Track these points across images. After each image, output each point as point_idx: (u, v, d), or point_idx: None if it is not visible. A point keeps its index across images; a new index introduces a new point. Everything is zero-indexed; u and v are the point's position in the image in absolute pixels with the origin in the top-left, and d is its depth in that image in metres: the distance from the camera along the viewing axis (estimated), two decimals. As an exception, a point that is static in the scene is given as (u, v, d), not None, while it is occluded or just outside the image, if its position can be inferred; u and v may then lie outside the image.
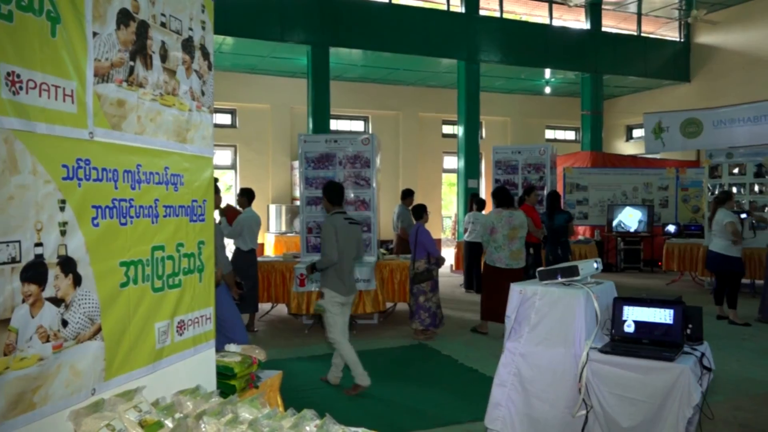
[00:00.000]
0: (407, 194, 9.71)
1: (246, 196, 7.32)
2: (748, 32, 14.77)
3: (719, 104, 14.48)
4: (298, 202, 7.66)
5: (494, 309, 6.71)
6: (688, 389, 2.80)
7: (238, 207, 7.55)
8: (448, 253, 8.07)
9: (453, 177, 16.13)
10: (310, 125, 12.37)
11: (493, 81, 15.69)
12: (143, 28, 2.11)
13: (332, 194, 5.08)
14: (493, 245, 6.89)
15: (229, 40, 11.98)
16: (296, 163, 9.61)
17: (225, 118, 14.97)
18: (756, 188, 10.44)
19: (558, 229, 8.26)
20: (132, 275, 2.09)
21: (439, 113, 16.91)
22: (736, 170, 10.68)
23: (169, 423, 2.05)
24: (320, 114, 12.36)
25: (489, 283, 7.05)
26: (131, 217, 2.09)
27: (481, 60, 13.86)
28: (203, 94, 2.46)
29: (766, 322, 7.53)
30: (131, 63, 2.05)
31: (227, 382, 2.68)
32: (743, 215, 9.07)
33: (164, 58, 2.22)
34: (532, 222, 8.15)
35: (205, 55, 2.48)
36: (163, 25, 2.21)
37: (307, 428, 2.14)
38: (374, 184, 8.02)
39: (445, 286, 9.98)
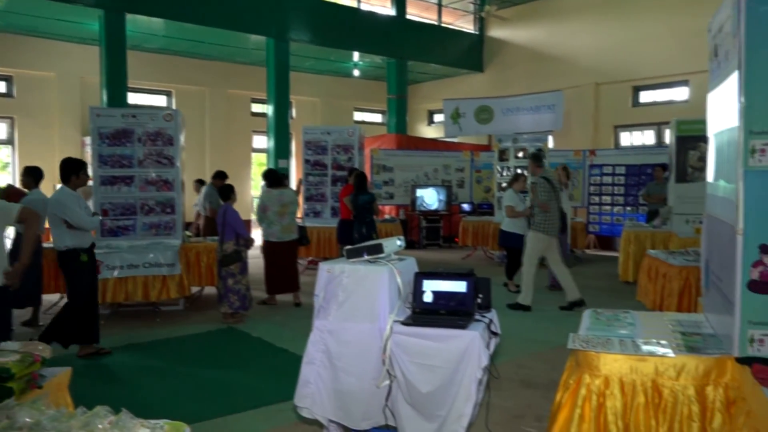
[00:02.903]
0: (219, 176, 9.36)
1: (32, 175, 6.45)
2: (533, 29, 16.43)
3: (508, 94, 16.00)
4: (91, 182, 6.96)
5: (277, 279, 7.61)
6: (478, 353, 3.06)
7: (22, 188, 6.68)
8: (259, 234, 7.93)
9: (263, 157, 15.88)
10: (104, 98, 11.32)
11: (303, 61, 15.65)
12: None
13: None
14: (266, 222, 7.46)
15: (2, -6, 10.49)
16: (88, 139, 8.73)
17: (-1, 86, 13.14)
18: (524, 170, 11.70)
19: (363, 209, 8.54)
20: None
21: (249, 91, 16.49)
22: (520, 154, 11.88)
23: None
24: (116, 86, 11.36)
25: (268, 257, 7.63)
26: None
27: (291, 39, 13.73)
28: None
29: (553, 289, 8.48)
30: None
31: (3, 385, 2.37)
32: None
33: None
34: (348, 200, 8.72)
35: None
36: None
37: (100, 426, 1.97)
38: (178, 164, 7.59)
39: (255, 267, 9.83)
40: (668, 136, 10.50)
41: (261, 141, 16.59)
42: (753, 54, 2.41)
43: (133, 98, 13.83)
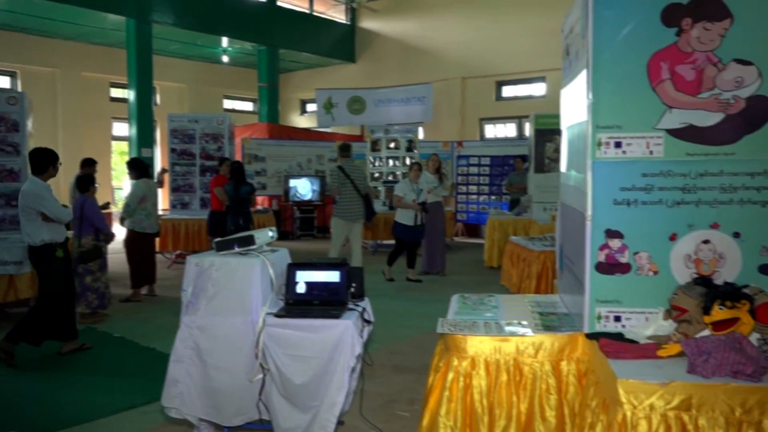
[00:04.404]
0: (87, 164, 8.61)
1: None
2: (403, 22, 16.77)
3: (379, 85, 16.24)
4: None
5: (148, 273, 7.51)
6: (351, 342, 3.09)
7: None
8: (120, 229, 7.47)
9: (125, 145, 14.94)
10: (-66, 77, 10.08)
11: (167, 44, 14.88)
12: None
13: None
14: (143, 213, 7.34)
15: None
16: None
17: None
18: (407, 161, 12.02)
19: (242, 200, 8.35)
20: None
21: (107, 74, 15.42)
22: (392, 145, 12.13)
23: None
24: (-52, 64, 10.15)
25: (141, 249, 7.46)
26: None
27: (153, 20, 12.98)
28: None
29: (429, 273, 8.73)
30: None
31: None
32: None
33: None
34: (222, 191, 8.47)
35: None
36: None
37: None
38: (25, 152, 6.91)
39: (115, 263, 9.25)
40: (528, 129, 11.20)
41: (122, 128, 15.57)
42: (599, 54, 2.61)
43: (-31, 78, 12.44)
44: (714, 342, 2.19)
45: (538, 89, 14.90)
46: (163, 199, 11.73)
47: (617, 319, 2.67)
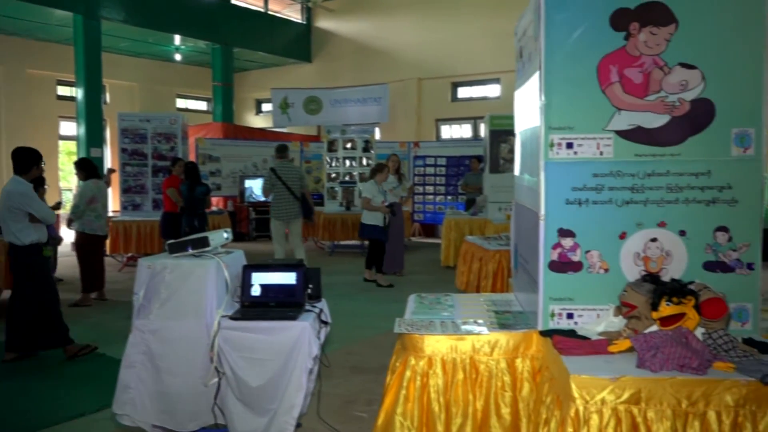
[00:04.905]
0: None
1: None
2: (359, 22, 16.76)
3: (336, 85, 16.19)
4: None
5: (100, 276, 7.36)
6: (308, 343, 3.07)
7: None
8: (68, 233, 7.25)
9: (73, 145, 14.48)
10: None
11: (117, 41, 14.50)
12: None
13: None
14: (92, 214, 7.13)
15: None
16: None
17: None
18: (364, 161, 12.02)
19: (196, 201, 8.22)
20: None
21: (54, 71, 14.92)
22: (349, 145, 12.11)
23: None
24: None
25: (92, 251, 7.23)
26: None
27: (102, 17, 12.62)
28: None
29: (387, 273, 8.68)
30: None
31: None
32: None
33: None
34: (175, 192, 8.37)
35: None
36: None
37: None
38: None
39: (64, 267, 8.97)
40: (483, 130, 11.33)
41: (70, 128, 15.09)
42: (551, 57, 2.67)
43: None
44: (661, 337, 2.26)
45: (492, 90, 15.11)
46: (113, 201, 11.45)
47: (570, 316, 2.73)
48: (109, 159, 14.67)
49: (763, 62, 2.59)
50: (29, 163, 5.07)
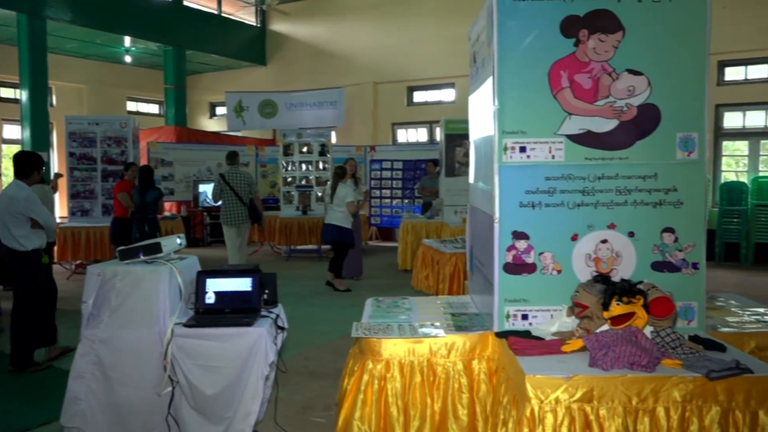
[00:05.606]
0: None
1: None
2: (314, 26, 16.67)
3: (291, 89, 16.07)
4: None
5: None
6: (264, 350, 3.03)
7: None
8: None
9: (17, 149, 13.96)
10: None
11: (64, 42, 14.05)
12: None
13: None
14: None
15: None
16: None
17: None
18: (320, 165, 11.96)
19: (148, 206, 8.04)
20: None
21: (-4, 73, 14.36)
22: (305, 149, 12.03)
23: None
24: None
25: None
26: None
27: (47, 16, 12.22)
28: None
29: (347, 278, 8.57)
30: None
31: None
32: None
33: None
34: (126, 197, 8.28)
35: None
36: None
37: None
38: None
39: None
40: (438, 134, 11.42)
41: (13, 131, 14.54)
42: (504, 62, 2.71)
43: None
44: (612, 336, 2.32)
45: (447, 95, 15.25)
46: (60, 206, 11.09)
47: (525, 317, 2.78)
48: (56, 163, 14.20)
49: (705, 69, 2.69)
50: (31, 168, 4.97)
